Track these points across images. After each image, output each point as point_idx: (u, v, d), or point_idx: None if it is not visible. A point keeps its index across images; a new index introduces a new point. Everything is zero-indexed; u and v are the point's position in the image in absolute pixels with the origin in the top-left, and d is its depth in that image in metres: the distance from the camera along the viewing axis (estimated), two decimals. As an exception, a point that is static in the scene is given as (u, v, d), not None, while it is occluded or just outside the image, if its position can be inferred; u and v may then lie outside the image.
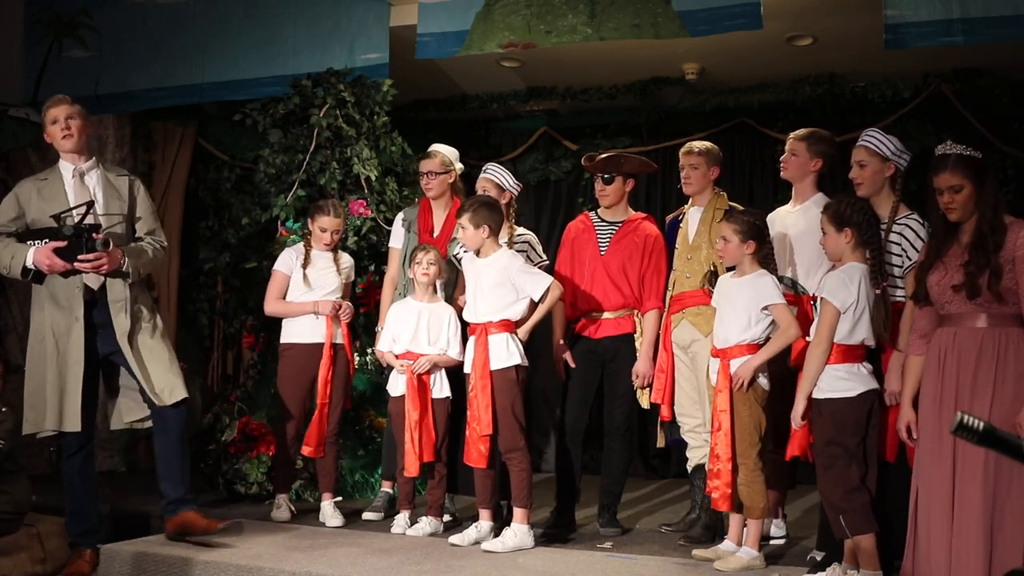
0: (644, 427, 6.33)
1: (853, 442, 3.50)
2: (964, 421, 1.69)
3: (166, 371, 4.07)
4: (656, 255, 4.53)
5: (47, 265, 3.92)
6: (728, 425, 3.78)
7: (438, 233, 4.86)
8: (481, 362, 4.14)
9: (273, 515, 4.76)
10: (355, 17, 6.02)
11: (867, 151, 3.86)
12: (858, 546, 3.50)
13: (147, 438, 6.62)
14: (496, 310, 4.17)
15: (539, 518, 4.59)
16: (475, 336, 4.19)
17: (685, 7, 5.17)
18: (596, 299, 4.52)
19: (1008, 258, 3.06)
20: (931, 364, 3.24)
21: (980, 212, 3.13)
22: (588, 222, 4.67)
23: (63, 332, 3.99)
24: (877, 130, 3.93)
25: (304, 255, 4.83)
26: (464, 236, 4.23)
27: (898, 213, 3.78)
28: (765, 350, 3.78)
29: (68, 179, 4.11)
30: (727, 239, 3.89)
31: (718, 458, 3.81)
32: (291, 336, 4.82)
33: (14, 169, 6.53)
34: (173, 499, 4.10)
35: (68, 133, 4.09)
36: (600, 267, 4.53)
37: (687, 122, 6.85)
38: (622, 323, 4.51)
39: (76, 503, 4.13)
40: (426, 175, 4.88)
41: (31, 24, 6.82)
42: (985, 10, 4.71)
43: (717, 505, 3.85)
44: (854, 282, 3.50)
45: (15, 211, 4.06)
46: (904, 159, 3.87)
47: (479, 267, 4.23)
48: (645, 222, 4.63)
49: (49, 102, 4.17)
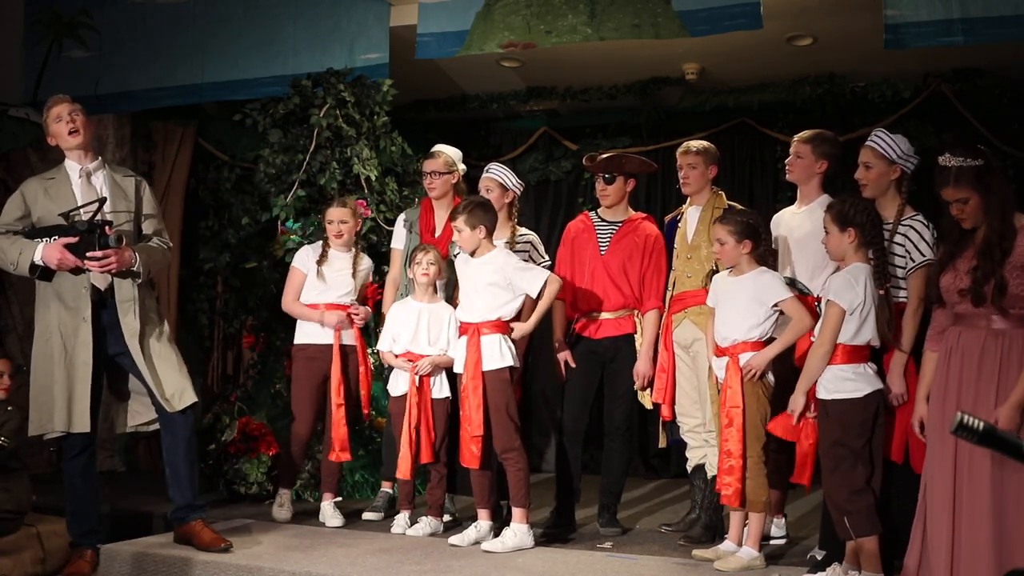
0: (644, 427, 6.33)
1: (859, 443, 3.49)
2: (964, 421, 1.69)
3: (176, 375, 4.07)
4: (656, 255, 4.53)
5: (57, 260, 3.89)
6: (740, 421, 3.78)
7: (440, 233, 4.86)
8: (473, 362, 4.14)
9: (274, 513, 4.75)
10: (355, 17, 6.02)
11: (874, 153, 3.83)
12: (861, 547, 3.50)
13: (147, 438, 6.64)
14: (491, 309, 4.17)
15: (539, 518, 4.60)
16: (467, 336, 4.19)
17: (685, 7, 5.17)
18: (596, 299, 4.52)
19: (1017, 263, 3.04)
20: (940, 363, 3.24)
21: (988, 220, 3.11)
22: (588, 222, 4.67)
23: (70, 333, 3.97)
24: (885, 132, 3.90)
25: (321, 252, 4.82)
26: (460, 238, 4.22)
27: (903, 215, 3.76)
28: (780, 341, 3.79)
29: (75, 179, 4.09)
30: (722, 241, 3.89)
31: (730, 454, 3.80)
32: (305, 337, 4.80)
33: (14, 169, 6.53)
34: (182, 505, 4.10)
35: (74, 128, 4.07)
36: (600, 267, 4.53)
37: (687, 122, 6.85)
38: (622, 323, 4.52)
39: (78, 503, 4.12)
40: (430, 175, 4.88)
41: (31, 24, 6.82)
42: (985, 10, 4.71)
43: (728, 501, 3.83)
44: (860, 283, 3.50)
45: (21, 210, 4.04)
46: (911, 163, 3.85)
47: (473, 267, 4.23)
48: (645, 222, 4.63)
49: (50, 101, 4.15)
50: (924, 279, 3.56)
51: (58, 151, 4.18)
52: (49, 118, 4.12)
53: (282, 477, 4.92)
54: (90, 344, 3.96)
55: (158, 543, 4.22)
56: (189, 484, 4.10)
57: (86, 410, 3.95)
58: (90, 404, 3.96)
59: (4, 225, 4.02)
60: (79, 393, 3.96)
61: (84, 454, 4.08)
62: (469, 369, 4.15)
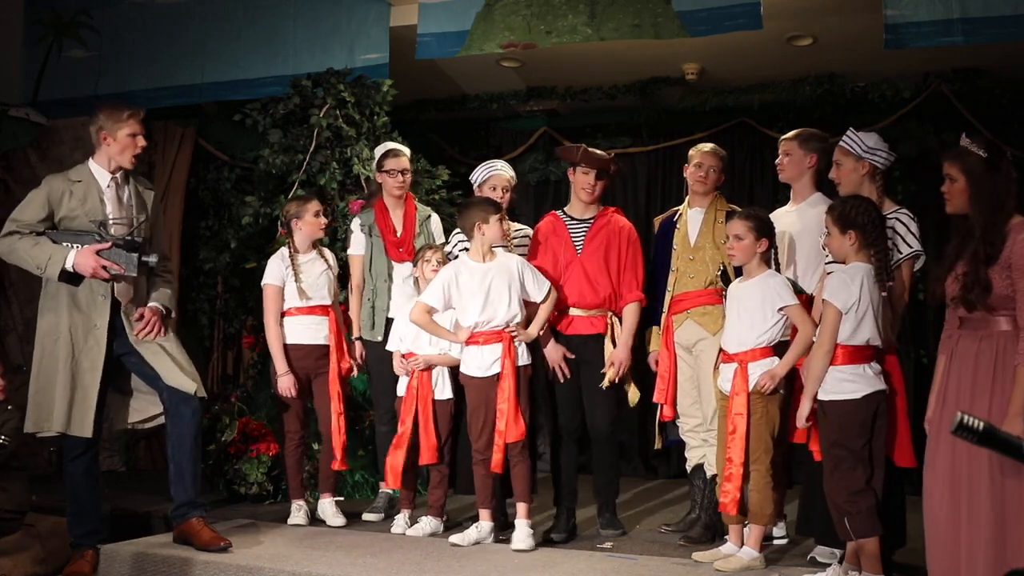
0: (644, 427, 6.33)
1: (858, 444, 3.48)
2: (964, 421, 1.69)
3: (188, 365, 4.13)
4: (632, 247, 4.48)
5: (92, 269, 3.90)
6: (744, 429, 3.75)
7: (401, 232, 4.85)
8: (513, 366, 4.15)
9: (291, 522, 4.65)
10: (355, 17, 6.03)
11: (841, 151, 3.92)
12: (861, 548, 3.49)
13: (147, 438, 6.66)
14: (516, 313, 4.20)
15: (539, 519, 4.59)
16: (502, 343, 4.15)
17: (685, 7, 5.17)
18: (572, 298, 4.44)
19: (1004, 264, 3.03)
20: (944, 367, 3.25)
21: (974, 214, 3.12)
22: (558, 221, 4.57)
23: (80, 336, 3.98)
24: (852, 130, 3.96)
25: (290, 263, 4.69)
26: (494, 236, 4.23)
27: (885, 209, 3.80)
28: (789, 357, 3.75)
29: (103, 185, 4.08)
30: (741, 236, 3.85)
31: (731, 462, 3.76)
32: (289, 338, 4.73)
33: (14, 169, 6.53)
34: (183, 502, 4.10)
35: (137, 154, 4.09)
36: (578, 266, 4.45)
37: (687, 122, 6.86)
38: (595, 322, 4.44)
39: (79, 504, 4.12)
40: (400, 173, 4.87)
41: (31, 24, 6.82)
42: (985, 10, 4.72)
43: (725, 508, 3.79)
44: (855, 282, 3.48)
45: (45, 211, 4.00)
46: (879, 156, 3.88)
47: (490, 268, 4.21)
48: (616, 215, 4.57)
49: (133, 111, 4.08)
50: (911, 269, 3.72)
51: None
52: (124, 128, 4.04)
53: (290, 489, 4.83)
54: (102, 351, 3.97)
55: (158, 543, 4.22)
56: (192, 481, 4.09)
57: (89, 415, 3.95)
58: (94, 409, 3.96)
59: (27, 225, 3.98)
60: (81, 397, 3.96)
61: (86, 455, 4.09)
62: (509, 374, 4.13)
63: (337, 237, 5.58)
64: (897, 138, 6.15)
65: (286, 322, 4.73)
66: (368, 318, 4.86)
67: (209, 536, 4.03)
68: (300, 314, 4.69)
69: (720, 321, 4.15)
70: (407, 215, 4.92)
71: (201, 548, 3.99)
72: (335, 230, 5.56)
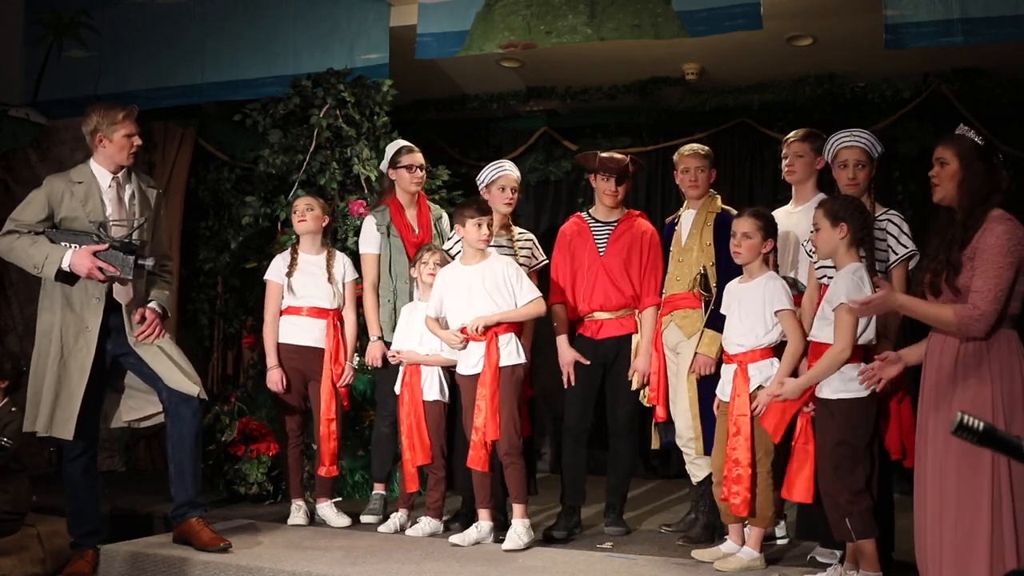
0: (644, 427, 6.32)
1: (863, 442, 3.49)
2: (964, 421, 1.68)
3: (187, 366, 4.11)
4: (653, 251, 4.52)
5: (87, 270, 3.88)
6: (748, 430, 3.74)
7: (419, 232, 4.81)
8: (493, 366, 4.13)
9: (291, 522, 4.66)
10: (355, 17, 6.03)
11: (861, 151, 3.96)
12: (860, 548, 3.49)
13: (147, 438, 6.65)
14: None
15: (543, 519, 4.59)
16: (485, 342, 4.15)
17: (685, 7, 5.17)
18: (597, 300, 4.49)
19: (970, 255, 3.01)
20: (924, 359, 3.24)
21: (959, 198, 3.11)
22: (583, 223, 4.63)
23: (71, 337, 3.96)
24: (866, 131, 4.02)
25: (289, 261, 4.72)
26: (485, 236, 4.21)
27: (875, 211, 3.83)
28: (780, 372, 3.73)
29: (104, 185, 4.06)
30: (750, 235, 3.85)
31: (737, 463, 3.75)
32: (281, 337, 4.73)
33: (14, 169, 6.53)
34: (183, 502, 4.09)
35: (135, 152, 4.07)
36: (601, 268, 4.50)
37: (687, 122, 6.85)
38: (624, 323, 4.50)
39: (79, 505, 4.12)
40: (419, 168, 4.81)
41: (31, 24, 6.82)
42: (985, 10, 4.72)
43: (737, 511, 3.76)
44: (866, 283, 3.48)
45: (45, 211, 3.98)
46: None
47: (474, 271, 4.22)
48: (640, 219, 4.61)
49: (127, 111, 4.06)
50: (907, 269, 3.75)
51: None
52: (120, 129, 4.02)
53: (289, 489, 4.83)
54: (91, 353, 3.95)
55: (157, 543, 4.22)
56: (192, 481, 4.09)
57: (72, 417, 3.90)
58: (87, 409, 3.94)
59: (26, 225, 3.97)
60: (66, 399, 3.93)
61: (85, 456, 4.09)
62: (488, 371, 4.12)
63: (337, 237, 5.58)
64: (897, 138, 6.17)
65: (280, 320, 4.74)
66: (389, 319, 4.72)
67: (209, 536, 4.03)
68: (290, 313, 4.71)
69: (698, 325, 4.23)
70: (421, 214, 4.86)
71: (201, 548, 3.99)
72: (335, 230, 5.55)
